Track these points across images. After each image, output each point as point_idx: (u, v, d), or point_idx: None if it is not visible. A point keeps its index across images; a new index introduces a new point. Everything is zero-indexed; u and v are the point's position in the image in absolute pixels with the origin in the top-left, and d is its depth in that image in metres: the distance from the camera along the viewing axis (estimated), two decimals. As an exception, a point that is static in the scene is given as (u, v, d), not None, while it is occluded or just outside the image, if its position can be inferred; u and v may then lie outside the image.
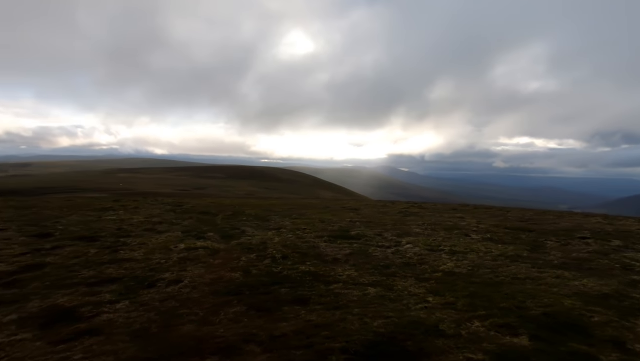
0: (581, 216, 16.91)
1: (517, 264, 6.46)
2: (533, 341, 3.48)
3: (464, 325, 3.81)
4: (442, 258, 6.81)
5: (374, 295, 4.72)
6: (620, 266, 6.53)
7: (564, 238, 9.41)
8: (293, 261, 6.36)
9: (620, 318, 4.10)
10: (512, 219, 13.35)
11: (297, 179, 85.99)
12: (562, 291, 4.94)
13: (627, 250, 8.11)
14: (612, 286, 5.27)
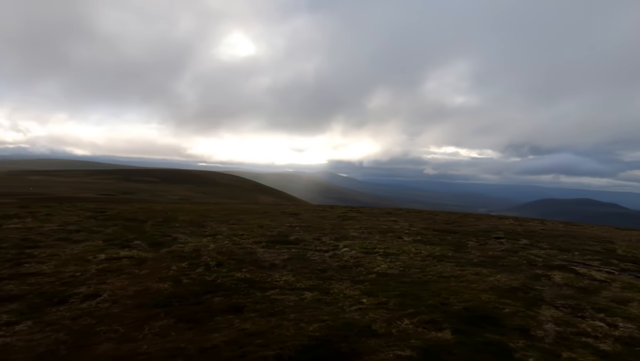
0: (497, 218, 18.92)
1: (443, 263, 6.97)
2: (455, 335, 3.75)
3: (394, 324, 3.98)
4: (377, 260, 7.09)
5: (310, 299, 4.72)
6: (526, 262, 7.40)
7: (482, 238, 10.41)
8: (228, 268, 6.12)
9: (526, 308, 4.62)
10: (440, 222, 14.43)
11: (237, 183, 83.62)
12: (480, 287, 5.43)
13: (532, 248, 9.23)
14: (520, 280, 5.94)
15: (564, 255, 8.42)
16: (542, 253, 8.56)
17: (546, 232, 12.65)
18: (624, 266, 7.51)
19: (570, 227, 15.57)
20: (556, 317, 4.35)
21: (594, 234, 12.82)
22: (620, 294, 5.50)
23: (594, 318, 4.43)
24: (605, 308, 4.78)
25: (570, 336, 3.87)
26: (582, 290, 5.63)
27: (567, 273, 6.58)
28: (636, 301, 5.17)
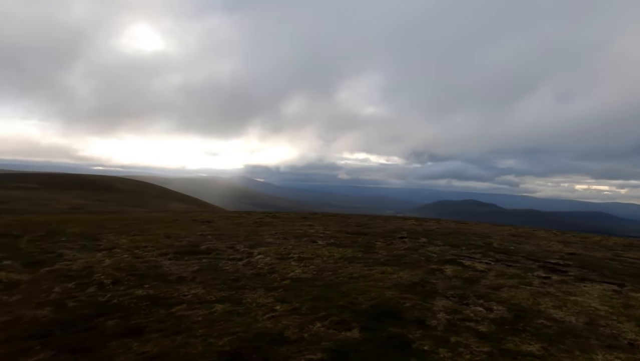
0: (401, 219, 20.72)
1: (354, 265, 7.35)
2: (362, 333, 3.98)
3: (306, 328, 4.04)
4: (291, 265, 7.14)
5: (221, 312, 4.51)
6: (425, 259, 8.24)
7: (388, 238, 11.28)
8: (127, 285, 5.50)
9: (423, 301, 5.14)
10: (352, 225, 15.21)
11: (142, 190, 75.95)
12: (385, 285, 5.87)
13: (429, 245, 10.32)
14: (419, 276, 6.59)
15: (454, 250, 9.62)
16: (437, 249, 9.65)
17: (441, 230, 14.30)
18: (498, 257, 8.89)
19: (460, 225, 17.87)
20: (447, 306, 4.93)
21: (477, 231, 14.94)
22: (495, 281, 6.50)
23: (476, 304, 5.14)
24: (483, 294, 5.59)
25: (457, 322, 4.42)
26: (467, 280, 6.50)
27: (456, 266, 7.52)
28: (506, 286, 6.17)
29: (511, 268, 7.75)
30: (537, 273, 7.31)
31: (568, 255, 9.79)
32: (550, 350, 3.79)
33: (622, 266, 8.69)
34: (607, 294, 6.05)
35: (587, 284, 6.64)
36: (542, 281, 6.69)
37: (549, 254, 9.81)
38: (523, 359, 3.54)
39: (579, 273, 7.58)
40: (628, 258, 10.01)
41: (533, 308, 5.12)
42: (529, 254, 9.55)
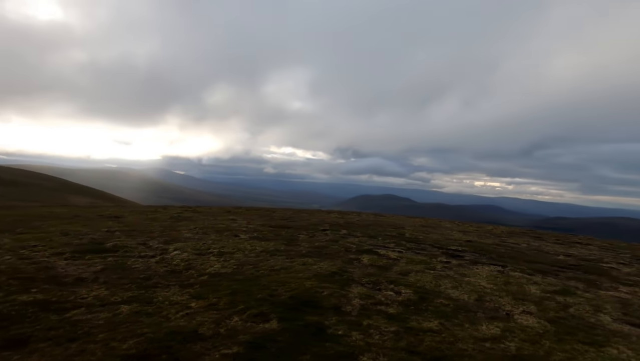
0: (325, 213, 21.34)
1: (276, 257, 7.36)
2: (280, 323, 4.02)
3: (223, 323, 3.94)
4: (210, 260, 6.86)
5: (127, 313, 4.14)
6: (344, 250, 8.63)
7: (311, 231, 11.54)
8: (7, 291, 4.70)
9: (340, 289, 5.39)
10: (277, 218, 15.19)
11: (35, 181, 65.37)
12: (305, 275, 6.00)
13: (350, 237, 10.83)
14: (338, 265, 6.87)
15: (372, 241, 10.25)
16: (356, 240, 10.18)
17: (361, 223, 15.11)
18: (409, 246, 9.73)
19: (378, 218, 19.09)
20: (361, 293, 5.24)
21: (393, 223, 16.13)
22: (405, 267, 7.11)
23: (387, 289, 5.56)
24: (394, 280, 6.07)
25: (370, 306, 4.74)
26: (381, 268, 6.99)
27: (372, 255, 8.03)
28: (414, 272, 6.79)
29: (419, 255, 8.55)
30: (440, 259, 8.19)
31: (465, 242, 11.15)
32: (446, 324, 4.29)
33: (506, 250, 10.22)
34: (493, 274, 7.05)
35: (479, 267, 7.65)
36: (444, 266, 7.52)
37: (450, 242, 11.05)
38: (424, 335, 3.94)
39: (473, 257, 8.71)
40: (510, 243, 11.81)
41: (435, 290, 5.73)
42: (434, 242, 10.64)
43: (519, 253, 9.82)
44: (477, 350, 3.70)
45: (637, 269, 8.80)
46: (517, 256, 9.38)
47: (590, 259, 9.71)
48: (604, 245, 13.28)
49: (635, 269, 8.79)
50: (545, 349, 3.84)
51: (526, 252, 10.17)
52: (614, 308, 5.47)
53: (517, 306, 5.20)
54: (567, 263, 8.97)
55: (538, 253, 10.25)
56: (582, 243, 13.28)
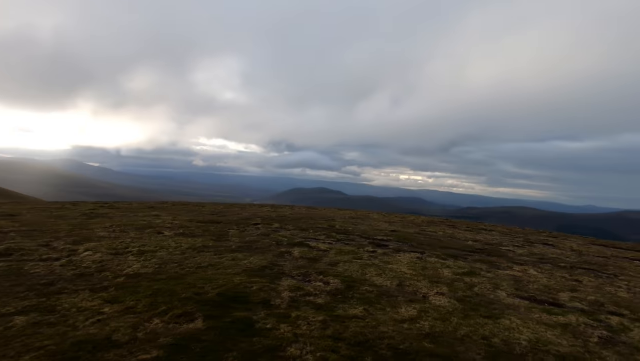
0: (258, 207, 21.02)
1: (203, 254, 7.05)
2: (206, 321, 3.87)
3: (142, 327, 3.66)
4: (128, 260, 6.31)
5: (22, 325, 3.62)
6: (275, 243, 8.61)
7: (242, 225, 11.28)
8: None
9: (270, 282, 5.37)
10: (206, 213, 14.54)
11: None
12: (234, 271, 5.86)
13: (281, 230, 10.83)
14: (269, 259, 6.84)
15: (303, 233, 10.39)
16: (288, 233, 10.22)
17: (293, 216, 15.20)
18: (338, 237, 10.07)
19: (310, 211, 19.40)
20: (291, 285, 5.29)
21: (324, 215, 16.53)
22: (334, 258, 7.35)
23: (316, 280, 5.71)
24: (323, 270, 6.25)
25: (299, 298, 4.81)
26: (311, 260, 7.13)
27: (303, 248, 8.14)
28: (342, 262, 7.06)
29: (348, 245, 8.91)
30: (367, 248, 8.64)
31: (390, 232, 11.92)
32: (370, 310, 4.56)
33: (425, 238, 11.16)
34: (413, 260, 7.66)
35: (401, 254, 8.24)
36: (370, 255, 7.95)
37: (377, 232, 11.71)
38: (349, 321, 4.14)
39: (396, 246, 9.35)
40: (429, 231, 12.93)
41: (361, 278, 6.03)
42: (362, 233, 11.18)
43: (435, 240, 10.80)
44: (396, 331, 4.00)
45: (527, 251, 10.29)
46: (434, 243, 10.31)
47: (493, 243, 11.09)
48: (503, 231, 15.27)
49: (526, 251, 10.28)
50: (453, 325, 4.30)
51: (442, 239, 11.23)
52: (508, 285, 6.33)
53: (432, 288, 5.73)
54: (474, 247, 10.12)
55: (451, 239, 11.39)
56: (487, 230, 15.10)
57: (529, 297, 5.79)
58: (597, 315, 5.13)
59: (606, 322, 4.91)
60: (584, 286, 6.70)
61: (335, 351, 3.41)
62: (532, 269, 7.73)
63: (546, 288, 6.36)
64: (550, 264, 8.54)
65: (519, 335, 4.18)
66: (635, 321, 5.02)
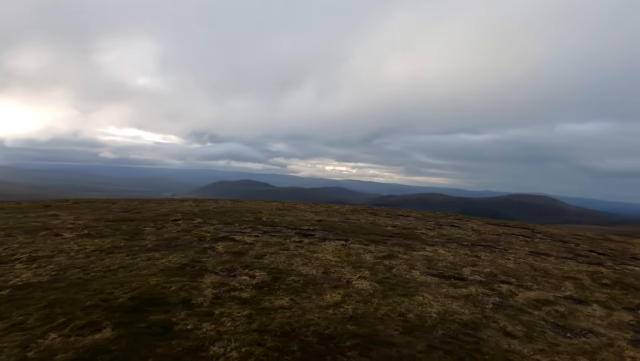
0: (178, 201, 19.68)
1: (113, 255, 6.35)
2: (116, 330, 3.50)
3: (33, 345, 3.16)
4: (16, 269, 5.39)
5: None
6: (198, 239, 8.16)
7: (160, 222, 10.45)
8: None
9: (192, 281, 5.08)
10: (116, 211, 13.12)
11: None
12: (150, 272, 5.40)
13: (204, 225, 10.31)
14: (190, 256, 6.45)
15: (228, 227, 10.03)
16: (212, 228, 9.77)
17: (218, 210, 14.58)
18: (265, 229, 9.96)
19: (236, 203, 18.82)
20: (214, 282, 5.07)
21: (251, 208, 16.19)
22: (260, 251, 7.25)
23: (242, 274, 5.56)
24: (249, 264, 6.12)
25: (223, 294, 4.64)
26: (236, 254, 6.92)
27: (228, 242, 7.86)
28: (269, 254, 6.99)
29: (274, 237, 8.86)
30: (293, 239, 8.70)
31: (317, 222, 12.18)
32: (296, 299, 4.60)
33: (349, 226, 11.65)
34: (337, 248, 7.94)
35: (326, 243, 8.48)
36: (296, 245, 8.02)
37: (303, 222, 11.86)
38: (275, 313, 4.12)
39: (322, 235, 9.59)
40: (353, 219, 13.54)
41: (287, 268, 6.05)
42: (289, 224, 11.22)
43: (358, 228, 11.35)
44: (321, 317, 4.11)
45: (438, 233, 11.43)
46: (357, 230, 10.83)
47: (409, 228, 12.07)
48: (418, 216, 16.71)
49: (437, 233, 11.40)
50: (374, 306, 4.58)
51: (364, 226, 11.85)
52: (422, 265, 6.96)
53: (355, 273, 6.01)
54: (393, 232, 10.89)
55: (373, 225, 12.09)
56: (404, 215, 16.38)
57: (439, 274, 6.45)
58: (491, 285, 5.93)
59: (498, 290, 5.70)
60: (482, 261, 7.69)
61: (261, 345, 3.37)
62: (441, 249, 8.61)
63: (452, 265, 7.14)
64: (455, 244, 9.60)
65: (430, 308, 4.62)
66: (520, 288, 5.93)
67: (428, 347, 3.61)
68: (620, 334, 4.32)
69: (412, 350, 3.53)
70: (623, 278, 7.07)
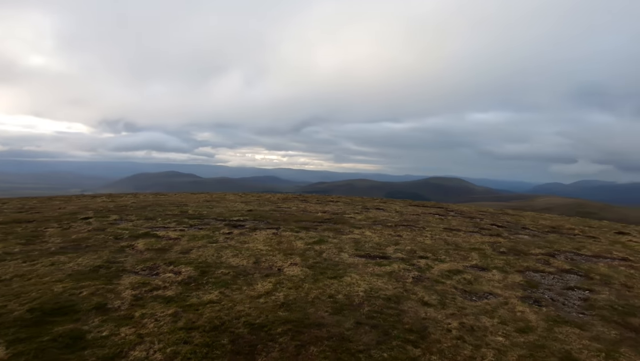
0: (89, 198, 17.61)
1: (4, 263, 5.46)
2: (12, 347, 3.04)
3: None
4: None
5: None
6: (113, 238, 7.43)
7: (67, 221, 9.27)
8: None
9: (107, 283, 4.62)
10: (8, 212, 11.27)
11: None
12: (54, 278, 4.77)
13: (122, 222, 9.42)
14: (104, 257, 5.85)
15: (149, 223, 9.30)
16: (130, 225, 8.97)
17: (137, 204, 13.40)
18: (192, 223, 9.46)
19: (159, 197, 17.51)
20: (134, 282, 4.68)
21: (175, 201, 15.21)
22: (187, 245, 6.88)
23: (166, 272, 5.22)
24: (174, 260, 5.77)
25: (144, 295, 4.31)
26: (159, 250, 6.47)
27: (149, 239, 7.30)
28: (196, 248, 6.67)
29: (202, 230, 8.47)
30: (222, 231, 8.42)
31: (247, 212, 11.94)
32: (226, 292, 4.48)
33: (280, 214, 11.65)
34: (269, 237, 7.90)
35: (257, 232, 8.38)
36: (226, 237, 7.78)
37: (233, 213, 11.53)
38: (204, 308, 3.97)
39: (253, 225, 9.45)
40: (284, 207, 13.56)
41: (217, 261, 5.85)
42: (218, 216, 10.82)
43: (290, 215, 11.42)
44: (252, 307, 4.07)
45: (365, 216, 12.04)
46: (289, 218, 10.89)
47: (338, 213, 12.50)
48: (347, 201, 17.39)
49: (364, 216, 12.01)
50: (305, 291, 4.68)
51: (295, 213, 11.96)
52: (350, 247, 7.29)
53: (286, 260, 6.06)
54: (323, 218, 11.19)
55: (304, 212, 12.26)
56: (334, 201, 16.91)
57: (365, 255, 6.82)
58: (411, 261, 6.47)
59: (417, 265, 6.25)
60: (404, 240, 8.32)
61: (188, 343, 3.22)
62: (368, 231, 9.11)
63: (378, 245, 7.61)
64: (381, 225, 10.23)
65: (357, 288, 4.88)
66: (435, 261, 6.57)
67: (356, 324, 3.82)
68: (513, 293, 5.07)
69: (341, 328, 3.70)
70: (516, 245, 8.27)
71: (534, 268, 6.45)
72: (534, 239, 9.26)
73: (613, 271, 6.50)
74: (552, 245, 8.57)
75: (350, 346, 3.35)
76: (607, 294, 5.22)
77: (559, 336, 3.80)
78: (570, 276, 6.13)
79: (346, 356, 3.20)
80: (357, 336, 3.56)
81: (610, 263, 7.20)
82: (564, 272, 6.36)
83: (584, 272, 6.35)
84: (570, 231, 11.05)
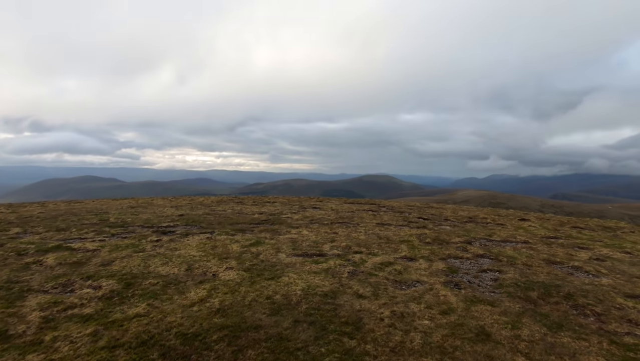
0: (-20, 209, 15.05)
1: None
2: None
3: None
4: None
5: None
6: (15, 254, 6.46)
7: (-49, 239, 7.81)
8: None
9: (7, 307, 4.01)
10: None
11: None
12: (-64, 306, 4.00)
13: (26, 235, 8.24)
14: (3, 277, 5.07)
15: (61, 234, 8.28)
16: (37, 238, 7.89)
17: (45, 214, 11.82)
18: (114, 232, 8.64)
19: (73, 205, 15.65)
20: (43, 302, 4.14)
21: (93, 208, 13.74)
22: (108, 256, 6.27)
23: (82, 288, 4.70)
24: (93, 274, 5.22)
25: (56, 315, 3.83)
26: (74, 264, 5.80)
27: (61, 252, 6.50)
28: (119, 258, 6.11)
29: (126, 239, 7.79)
30: (150, 238, 7.83)
31: (178, 217, 11.26)
32: (155, 303, 4.19)
33: (215, 217, 11.20)
34: (202, 242, 7.55)
35: (190, 238, 7.96)
36: (154, 245, 7.25)
37: (162, 219, 10.79)
38: (129, 323, 3.66)
39: (185, 230, 8.95)
40: (219, 210, 13.06)
41: (144, 272, 5.43)
42: (145, 223, 10.03)
43: (225, 218, 11.04)
44: (185, 316, 3.87)
45: (302, 215, 12.14)
46: (223, 221, 10.53)
47: (275, 213, 12.42)
48: (284, 201, 17.36)
49: (301, 215, 12.11)
50: (242, 294, 4.58)
51: (231, 216, 11.60)
52: (287, 247, 7.30)
53: (221, 265, 5.86)
54: (260, 219, 11.03)
55: (240, 215, 11.95)
56: (271, 202, 16.75)
57: (303, 253, 6.90)
58: (347, 256, 6.70)
59: (352, 260, 6.49)
60: (339, 236, 8.58)
61: (111, 362, 2.95)
62: (305, 230, 9.20)
63: (315, 244, 7.74)
64: (317, 224, 10.42)
65: (295, 287, 4.91)
66: (369, 255, 6.89)
67: (294, 322, 3.84)
68: (437, 279, 5.55)
69: (279, 328, 3.70)
70: (439, 235, 9.04)
71: (454, 255, 7.13)
72: (454, 229, 10.21)
73: (517, 253, 7.47)
74: (469, 233, 9.55)
75: (288, 345, 3.37)
76: (512, 274, 5.98)
77: (475, 314, 4.25)
78: (483, 260, 6.89)
79: (284, 356, 3.20)
80: (295, 334, 3.59)
81: (515, 246, 8.25)
82: (478, 257, 7.12)
83: (494, 256, 7.19)
84: (483, 220, 12.41)
